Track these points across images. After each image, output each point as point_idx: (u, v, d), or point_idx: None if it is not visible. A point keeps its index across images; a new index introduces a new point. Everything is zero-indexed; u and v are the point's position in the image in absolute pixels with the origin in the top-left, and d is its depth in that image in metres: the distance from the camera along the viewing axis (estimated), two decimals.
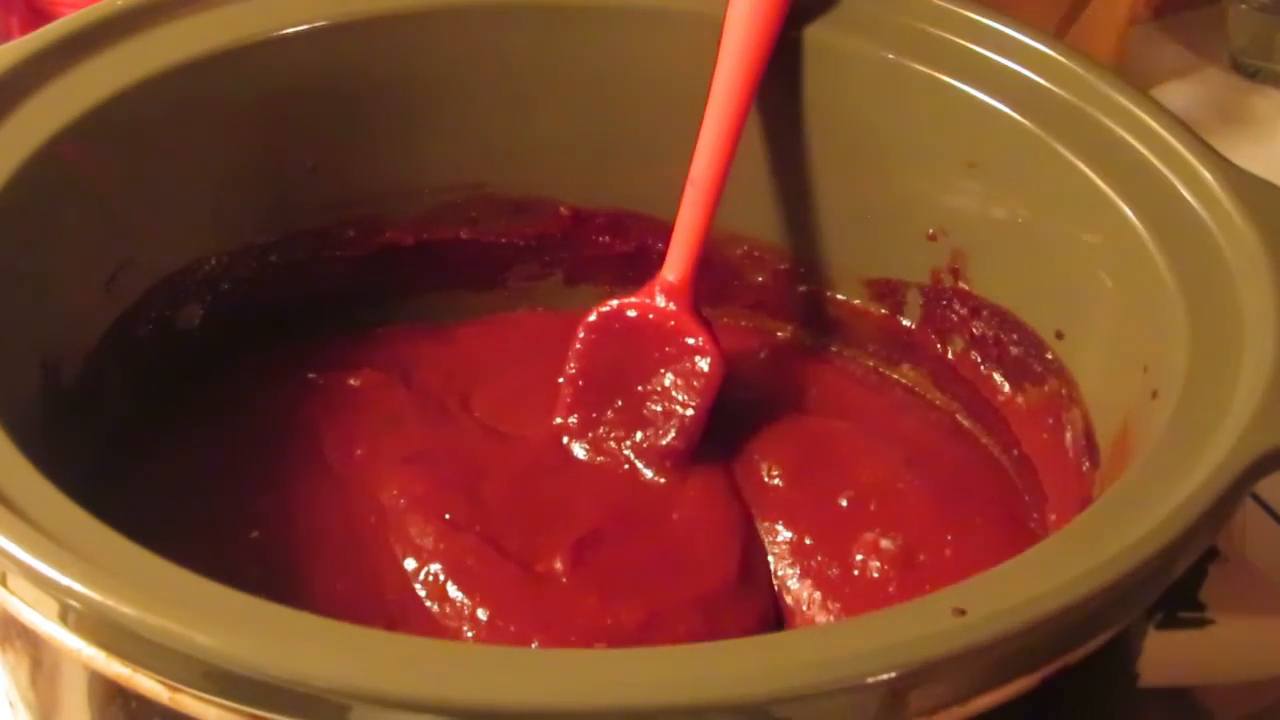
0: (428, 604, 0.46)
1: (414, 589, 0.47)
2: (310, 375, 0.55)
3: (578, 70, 0.54)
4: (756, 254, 0.57)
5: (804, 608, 0.48)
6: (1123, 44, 0.81)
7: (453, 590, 0.46)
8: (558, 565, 0.47)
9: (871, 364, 0.57)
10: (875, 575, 0.48)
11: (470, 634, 0.45)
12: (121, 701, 0.36)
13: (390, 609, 0.46)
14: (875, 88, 0.52)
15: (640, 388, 0.52)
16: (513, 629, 0.45)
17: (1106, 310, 0.47)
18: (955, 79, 0.50)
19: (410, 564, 0.47)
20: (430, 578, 0.47)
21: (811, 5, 0.52)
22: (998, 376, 0.53)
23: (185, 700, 0.33)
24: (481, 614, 0.46)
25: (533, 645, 0.45)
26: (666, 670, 0.32)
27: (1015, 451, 0.52)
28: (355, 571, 0.48)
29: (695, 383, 0.51)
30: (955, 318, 0.54)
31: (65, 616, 0.34)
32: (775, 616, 0.49)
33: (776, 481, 0.52)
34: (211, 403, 0.53)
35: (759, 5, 0.51)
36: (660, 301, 0.52)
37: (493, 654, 0.35)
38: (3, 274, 0.44)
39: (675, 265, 0.52)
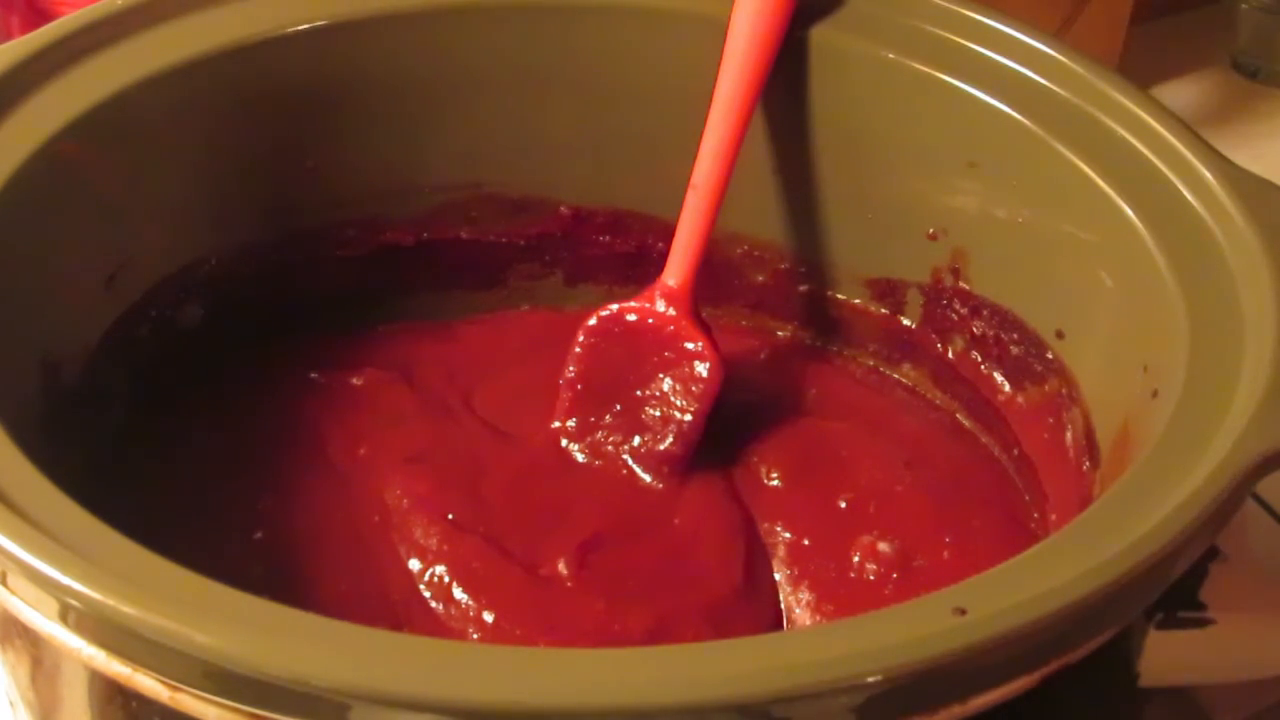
0: (433, 605, 0.46)
1: (419, 590, 0.47)
2: (312, 374, 0.55)
3: (578, 70, 0.54)
4: (757, 253, 0.57)
5: (800, 610, 0.48)
6: (1123, 44, 0.81)
7: (458, 592, 0.46)
8: (561, 569, 0.47)
9: (872, 363, 0.57)
10: (872, 578, 0.48)
11: (476, 636, 0.45)
12: (121, 701, 0.36)
13: (395, 610, 0.46)
14: (876, 87, 0.52)
15: (639, 392, 0.52)
16: (519, 632, 0.45)
17: (1107, 310, 0.47)
18: (956, 79, 0.50)
19: (415, 565, 0.47)
20: (435, 579, 0.47)
21: (812, 5, 0.52)
22: (998, 376, 0.53)
23: (185, 700, 0.33)
24: (488, 616, 0.46)
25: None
26: (667, 670, 0.32)
27: (1015, 451, 0.52)
28: (360, 572, 0.48)
29: (694, 388, 0.51)
30: (956, 317, 0.54)
31: (65, 616, 0.34)
32: (780, 621, 0.49)
33: (775, 483, 0.52)
34: (213, 402, 0.53)
35: (763, 12, 0.51)
36: (660, 306, 0.52)
37: (493, 654, 0.35)
38: (3, 274, 0.44)
39: (676, 270, 0.52)
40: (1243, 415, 0.38)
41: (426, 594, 0.47)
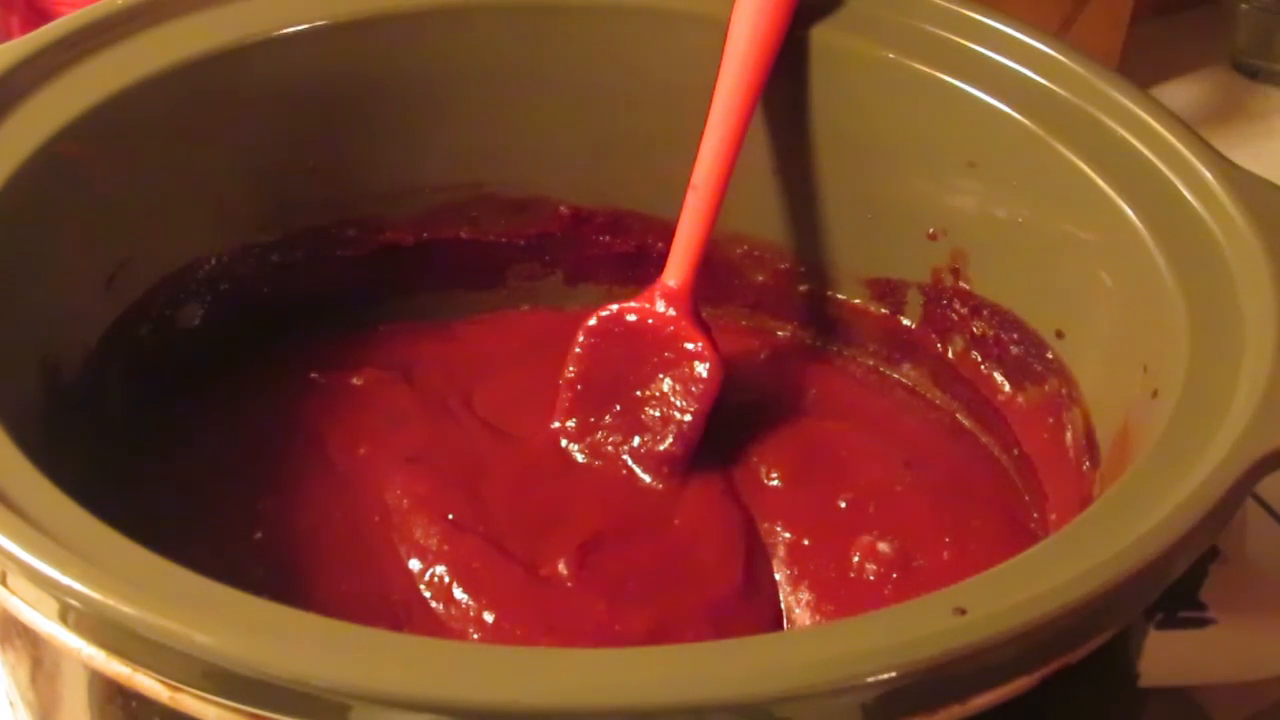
0: (433, 605, 0.46)
1: (419, 590, 0.47)
2: (312, 374, 0.55)
3: (578, 70, 0.54)
4: (757, 253, 0.57)
5: (800, 610, 0.48)
6: (1123, 44, 0.81)
7: (458, 592, 0.46)
8: (562, 569, 0.47)
9: (872, 363, 0.57)
10: (871, 578, 0.48)
11: (476, 636, 0.45)
12: (121, 701, 0.36)
13: (396, 610, 0.46)
14: (876, 87, 0.52)
15: (639, 393, 0.52)
16: (519, 632, 0.45)
17: (1107, 310, 0.47)
18: (956, 79, 0.50)
19: (415, 565, 0.47)
20: (435, 579, 0.47)
21: (812, 5, 0.52)
22: (998, 376, 0.53)
23: (185, 700, 0.33)
24: (488, 616, 0.46)
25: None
26: (667, 670, 0.32)
27: (1015, 451, 0.52)
28: (360, 572, 0.48)
29: (694, 389, 0.51)
30: (956, 317, 0.54)
31: (65, 616, 0.34)
32: (780, 621, 0.49)
33: (775, 483, 0.52)
34: (213, 402, 0.53)
35: (764, 12, 0.51)
36: (660, 307, 0.52)
37: (493, 654, 0.35)
38: (3, 274, 0.44)
39: (676, 270, 0.52)
40: (1243, 415, 0.38)
41: (427, 594, 0.47)
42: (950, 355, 0.55)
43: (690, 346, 0.52)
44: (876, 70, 0.52)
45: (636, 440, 0.52)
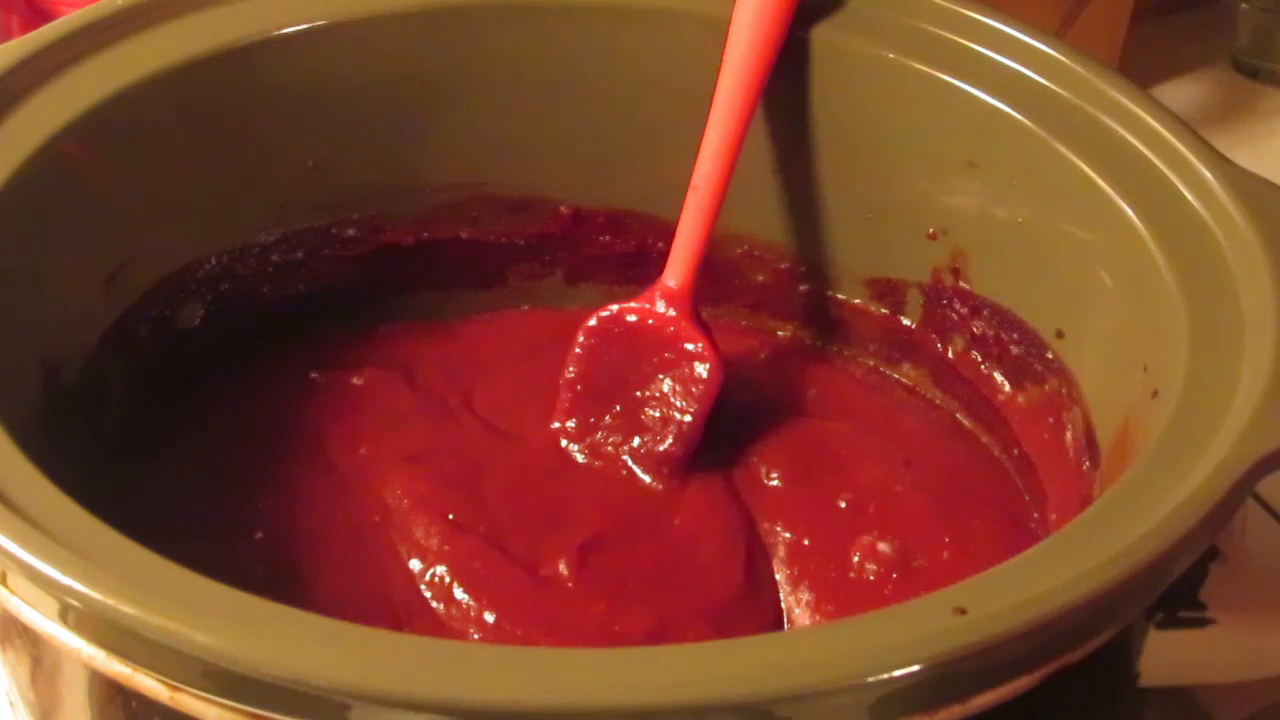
0: (434, 605, 0.46)
1: (420, 590, 0.47)
2: (312, 374, 0.55)
3: (578, 70, 0.54)
4: (757, 253, 0.57)
5: (800, 610, 0.48)
6: (1123, 44, 0.81)
7: (459, 592, 0.46)
8: (562, 569, 0.47)
9: (872, 363, 0.57)
10: (872, 579, 0.48)
11: (477, 636, 0.45)
12: (121, 701, 0.36)
13: (396, 610, 0.46)
14: (876, 87, 0.52)
15: (639, 393, 0.52)
16: (520, 633, 0.45)
17: (1107, 310, 0.47)
18: (956, 79, 0.50)
19: (415, 565, 0.47)
20: (436, 579, 0.47)
21: (812, 5, 0.52)
22: (998, 376, 0.53)
23: (185, 700, 0.33)
24: (488, 617, 0.46)
25: None
26: (667, 670, 0.32)
27: (1016, 451, 0.52)
28: (360, 572, 0.48)
29: (694, 389, 0.51)
30: (956, 317, 0.54)
31: (65, 616, 0.34)
32: (780, 621, 0.49)
33: (775, 483, 0.52)
34: (213, 402, 0.53)
35: (764, 13, 0.51)
36: (660, 307, 0.52)
37: (492, 653, 0.35)
38: (3, 274, 0.44)
39: (676, 271, 0.52)
40: (1243, 415, 0.38)
41: (427, 594, 0.47)
42: (950, 355, 0.55)
43: (690, 347, 0.52)
44: (876, 70, 0.52)
45: (636, 440, 0.52)
